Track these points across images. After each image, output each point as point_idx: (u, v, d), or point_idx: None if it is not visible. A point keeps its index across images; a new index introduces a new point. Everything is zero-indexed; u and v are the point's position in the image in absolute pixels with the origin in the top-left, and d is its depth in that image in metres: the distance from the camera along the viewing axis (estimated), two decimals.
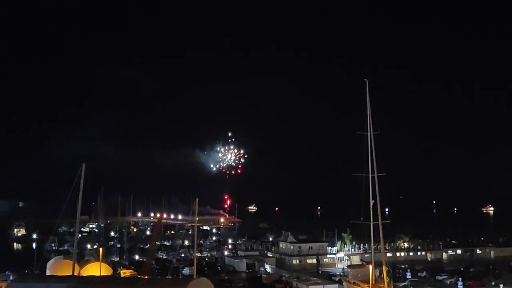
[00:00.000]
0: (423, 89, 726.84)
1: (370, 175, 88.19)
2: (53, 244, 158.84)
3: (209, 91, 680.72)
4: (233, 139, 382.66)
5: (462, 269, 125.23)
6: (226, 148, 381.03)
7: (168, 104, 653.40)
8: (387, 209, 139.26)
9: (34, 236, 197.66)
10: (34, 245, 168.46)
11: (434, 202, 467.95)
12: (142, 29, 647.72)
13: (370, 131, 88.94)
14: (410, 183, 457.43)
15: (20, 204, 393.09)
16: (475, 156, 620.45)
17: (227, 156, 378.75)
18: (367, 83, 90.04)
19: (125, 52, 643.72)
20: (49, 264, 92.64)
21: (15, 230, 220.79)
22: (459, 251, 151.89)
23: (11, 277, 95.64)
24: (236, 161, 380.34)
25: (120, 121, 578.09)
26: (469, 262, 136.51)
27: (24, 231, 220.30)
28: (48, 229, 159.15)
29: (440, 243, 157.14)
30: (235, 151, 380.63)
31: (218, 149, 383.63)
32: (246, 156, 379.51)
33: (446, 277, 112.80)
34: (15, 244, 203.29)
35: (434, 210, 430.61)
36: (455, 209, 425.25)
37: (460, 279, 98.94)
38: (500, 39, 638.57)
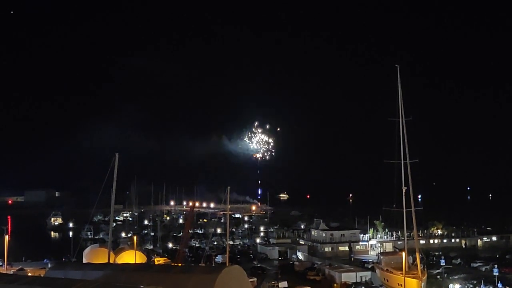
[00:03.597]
0: (457, 74, 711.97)
1: (402, 162, 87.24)
2: (88, 233, 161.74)
3: (237, 79, 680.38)
4: (263, 127, 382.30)
5: (497, 256, 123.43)
6: (255, 136, 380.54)
7: (196, 92, 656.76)
8: (419, 196, 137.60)
9: (71, 225, 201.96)
10: (70, 233, 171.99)
11: (468, 188, 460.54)
12: (166, 16, 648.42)
13: (402, 118, 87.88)
14: (444, 170, 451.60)
15: (57, 194, 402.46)
16: (510, 141, 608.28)
17: (256, 143, 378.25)
18: (398, 68, 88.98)
19: (151, 40, 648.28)
20: (85, 252, 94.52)
21: (52, 219, 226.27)
22: (494, 238, 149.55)
23: (49, 265, 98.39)
24: (265, 149, 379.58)
25: (151, 112, 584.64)
26: (505, 249, 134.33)
27: (60, 220, 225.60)
28: (83, 218, 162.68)
29: (475, 229, 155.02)
30: (265, 139, 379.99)
31: (247, 137, 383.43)
32: (275, 144, 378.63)
33: (481, 264, 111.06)
34: (52, 233, 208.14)
35: (469, 197, 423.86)
36: (490, 195, 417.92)
37: (495, 266, 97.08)
38: None
